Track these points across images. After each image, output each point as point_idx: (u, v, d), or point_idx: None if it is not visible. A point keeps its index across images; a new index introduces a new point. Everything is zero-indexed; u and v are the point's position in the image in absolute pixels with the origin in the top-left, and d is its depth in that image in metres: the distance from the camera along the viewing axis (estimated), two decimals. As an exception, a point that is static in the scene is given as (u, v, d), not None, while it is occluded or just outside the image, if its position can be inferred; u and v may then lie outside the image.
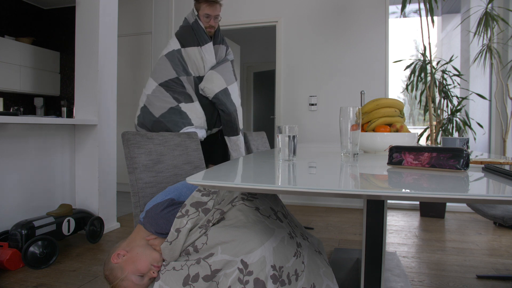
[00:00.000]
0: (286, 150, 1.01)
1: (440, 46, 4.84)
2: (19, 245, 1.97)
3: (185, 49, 2.19)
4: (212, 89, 2.18)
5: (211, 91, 2.18)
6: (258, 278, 0.91)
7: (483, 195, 0.52)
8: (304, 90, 3.84)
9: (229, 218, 1.04)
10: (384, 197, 0.57)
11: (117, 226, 2.85)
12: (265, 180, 0.71)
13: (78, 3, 2.69)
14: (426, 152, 0.83)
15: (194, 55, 2.19)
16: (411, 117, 5.83)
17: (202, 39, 2.20)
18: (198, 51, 2.20)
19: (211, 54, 2.25)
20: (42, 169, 2.44)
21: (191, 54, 2.19)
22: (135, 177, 1.31)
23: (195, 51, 2.19)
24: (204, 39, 2.21)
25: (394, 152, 0.89)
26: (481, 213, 1.59)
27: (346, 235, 2.64)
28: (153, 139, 1.44)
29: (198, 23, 2.21)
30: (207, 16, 2.18)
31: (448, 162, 0.78)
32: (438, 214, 3.20)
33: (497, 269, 1.99)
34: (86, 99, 2.67)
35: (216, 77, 2.22)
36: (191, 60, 2.20)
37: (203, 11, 2.18)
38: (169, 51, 2.20)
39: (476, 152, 1.59)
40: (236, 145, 2.28)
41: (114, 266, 1.05)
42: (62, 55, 5.10)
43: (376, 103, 1.40)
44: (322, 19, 3.77)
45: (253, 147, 2.39)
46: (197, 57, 2.20)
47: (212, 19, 2.20)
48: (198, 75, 2.23)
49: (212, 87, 2.18)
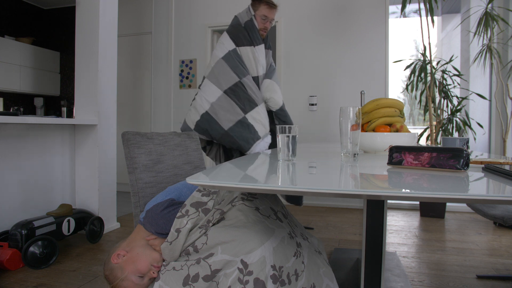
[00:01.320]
0: (286, 150, 1.01)
1: (440, 46, 4.84)
2: (19, 245, 1.97)
3: (239, 48, 2.18)
4: (277, 101, 2.22)
5: (277, 104, 2.22)
6: (258, 278, 0.91)
7: (483, 195, 0.52)
8: (304, 90, 3.84)
9: (229, 218, 1.04)
10: (384, 197, 0.57)
11: (117, 226, 2.85)
12: (265, 180, 0.71)
13: (78, 3, 2.69)
14: (426, 152, 0.83)
15: (247, 55, 2.19)
16: (411, 117, 5.83)
17: (256, 39, 2.20)
18: (251, 51, 2.19)
19: (262, 55, 2.25)
20: (42, 169, 2.44)
21: (244, 53, 2.19)
22: (135, 177, 1.31)
23: (248, 51, 2.18)
24: (258, 39, 2.21)
25: (394, 152, 0.89)
26: (481, 213, 1.59)
27: (346, 235, 2.64)
28: (153, 139, 1.44)
29: (253, 23, 2.20)
30: (265, 17, 2.19)
31: (448, 162, 0.78)
32: (438, 214, 3.20)
33: (497, 269, 1.99)
34: (86, 99, 2.67)
35: (278, 88, 2.24)
36: (245, 59, 2.19)
37: (261, 12, 2.19)
38: (225, 53, 2.17)
39: (476, 152, 1.59)
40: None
41: (114, 266, 1.05)
42: (62, 55, 5.10)
43: (376, 103, 1.40)
44: (322, 19, 3.77)
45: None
46: (249, 56, 2.19)
47: (268, 21, 2.21)
48: (252, 75, 2.23)
49: (277, 99, 2.21)
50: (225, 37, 2.21)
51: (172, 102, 4.26)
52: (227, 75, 2.12)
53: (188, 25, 4.21)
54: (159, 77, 4.34)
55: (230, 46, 2.17)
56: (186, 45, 4.22)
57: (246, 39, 2.18)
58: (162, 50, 4.32)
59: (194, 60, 4.19)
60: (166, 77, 4.30)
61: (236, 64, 2.14)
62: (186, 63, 4.22)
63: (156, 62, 4.35)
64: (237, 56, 2.17)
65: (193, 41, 4.19)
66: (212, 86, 2.15)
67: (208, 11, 4.13)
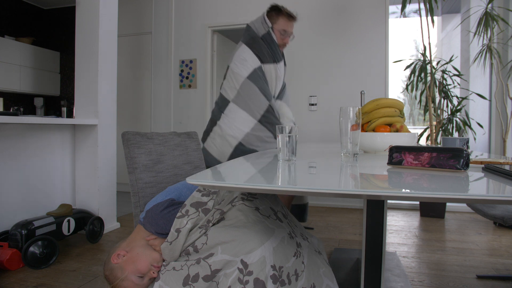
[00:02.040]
0: (286, 150, 1.01)
1: (440, 46, 4.84)
2: (19, 245, 1.97)
3: (264, 65, 1.97)
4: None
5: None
6: (258, 278, 0.91)
7: (483, 195, 0.52)
8: (304, 90, 3.84)
9: (229, 218, 1.04)
10: (384, 197, 0.57)
11: (117, 226, 2.85)
12: (265, 180, 0.71)
13: (78, 3, 2.69)
14: (426, 152, 0.83)
15: (270, 73, 1.99)
16: (411, 117, 5.83)
17: (277, 56, 2.00)
18: (274, 68, 1.99)
19: (282, 73, 2.05)
20: (42, 169, 2.44)
21: (268, 71, 1.98)
22: (135, 177, 1.31)
23: (271, 68, 1.99)
24: (279, 56, 2.00)
25: (394, 152, 0.89)
26: (481, 213, 1.59)
27: (346, 235, 2.64)
28: (153, 139, 1.44)
29: (271, 37, 1.97)
30: (284, 32, 1.98)
31: (448, 162, 0.78)
32: (438, 214, 3.20)
33: (497, 269, 1.99)
34: (86, 99, 2.67)
35: (290, 112, 2.08)
36: (268, 77, 1.99)
37: (281, 26, 1.97)
38: (250, 72, 1.92)
39: (476, 152, 1.59)
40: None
41: (114, 266, 1.05)
42: (62, 55, 5.10)
43: (376, 103, 1.40)
44: (322, 19, 3.77)
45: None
46: (272, 75, 1.99)
47: (288, 36, 2.01)
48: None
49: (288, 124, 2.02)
50: (247, 51, 1.95)
51: (172, 102, 4.26)
52: (257, 100, 1.90)
53: (188, 25, 4.21)
54: (159, 77, 4.34)
55: (255, 64, 1.93)
56: (186, 45, 4.22)
57: (269, 56, 1.96)
58: (162, 50, 4.32)
59: (194, 60, 4.19)
60: (166, 77, 4.30)
61: (264, 86, 1.94)
62: (186, 63, 4.22)
63: (156, 62, 4.35)
64: (263, 75, 1.96)
65: (193, 41, 4.19)
66: (243, 113, 1.91)
67: (208, 11, 4.13)
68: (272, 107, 1.94)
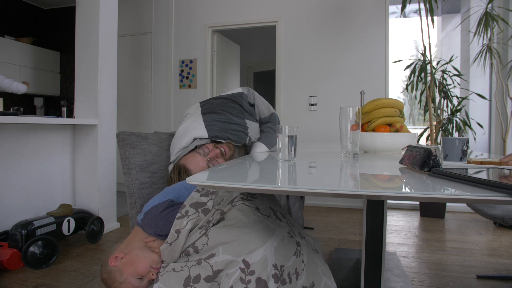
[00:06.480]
0: (286, 150, 1.00)
1: (440, 46, 4.84)
2: (19, 245, 1.97)
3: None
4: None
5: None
6: (260, 278, 0.91)
7: (483, 195, 0.52)
8: (304, 90, 3.84)
9: (229, 218, 1.04)
10: (384, 197, 0.57)
11: (117, 226, 2.85)
12: (265, 180, 0.71)
13: (78, 3, 2.69)
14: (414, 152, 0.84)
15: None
16: (411, 117, 5.83)
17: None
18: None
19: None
20: (42, 169, 2.44)
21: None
22: (130, 178, 1.30)
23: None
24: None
25: (407, 151, 0.90)
26: (481, 213, 1.59)
27: (346, 235, 2.64)
28: (148, 139, 1.42)
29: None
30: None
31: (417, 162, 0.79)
32: (438, 214, 3.20)
33: (497, 269, 1.99)
34: (86, 99, 2.67)
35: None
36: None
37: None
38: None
39: (476, 152, 1.59)
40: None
41: (112, 269, 1.05)
42: (62, 55, 5.10)
43: (376, 103, 1.40)
44: (322, 19, 3.77)
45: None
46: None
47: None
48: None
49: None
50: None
51: (172, 102, 4.26)
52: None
53: (188, 25, 4.21)
54: (159, 77, 4.33)
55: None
56: (186, 45, 4.22)
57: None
58: (162, 50, 4.32)
59: (194, 60, 4.19)
60: (166, 77, 4.30)
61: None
62: (186, 63, 4.21)
63: (156, 62, 4.35)
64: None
65: (193, 41, 4.19)
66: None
67: (208, 11, 4.13)
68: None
